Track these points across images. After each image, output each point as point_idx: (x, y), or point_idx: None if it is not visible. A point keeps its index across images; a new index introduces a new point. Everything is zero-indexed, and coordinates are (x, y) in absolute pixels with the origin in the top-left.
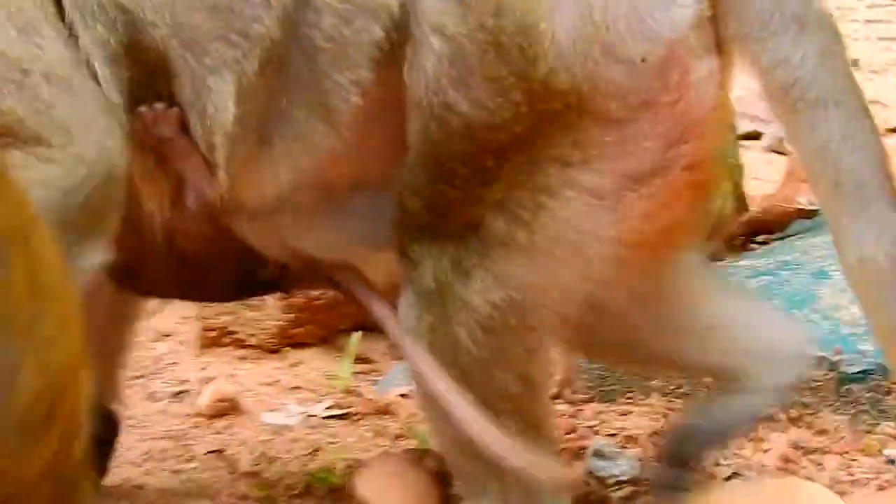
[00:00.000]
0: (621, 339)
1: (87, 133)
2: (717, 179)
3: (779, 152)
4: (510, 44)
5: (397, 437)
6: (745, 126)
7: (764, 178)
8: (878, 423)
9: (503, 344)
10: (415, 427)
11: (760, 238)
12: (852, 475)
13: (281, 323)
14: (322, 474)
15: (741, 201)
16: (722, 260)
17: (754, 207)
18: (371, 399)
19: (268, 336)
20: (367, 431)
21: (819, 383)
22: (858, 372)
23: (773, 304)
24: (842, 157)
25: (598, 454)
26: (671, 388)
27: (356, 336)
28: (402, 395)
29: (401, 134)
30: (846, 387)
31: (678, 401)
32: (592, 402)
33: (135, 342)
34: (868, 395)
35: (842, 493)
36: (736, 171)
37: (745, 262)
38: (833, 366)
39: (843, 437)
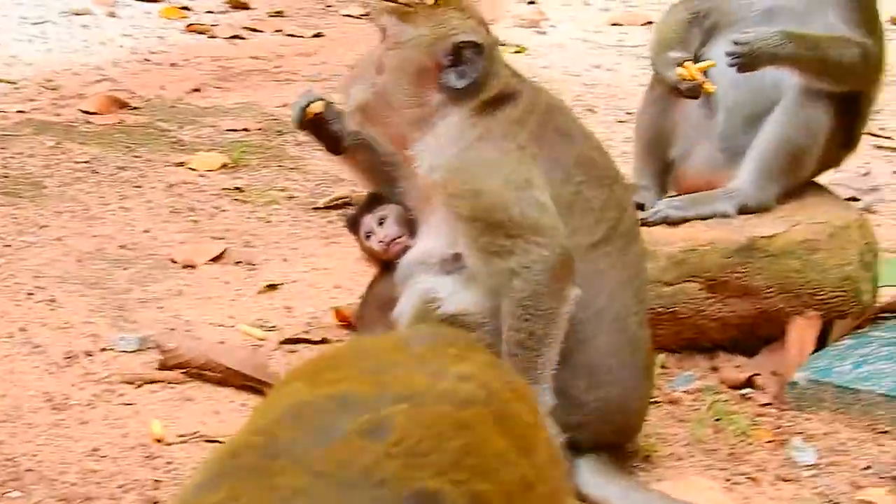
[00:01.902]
0: None
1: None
2: None
3: (870, 212)
4: None
5: (681, 420)
6: (845, 193)
7: None
8: None
9: None
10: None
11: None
12: None
13: None
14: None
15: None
16: (863, 328)
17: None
18: (667, 392)
19: None
20: (665, 414)
21: None
22: None
23: None
24: None
25: None
26: None
27: (662, 355)
28: (685, 392)
29: None
30: None
31: None
32: None
33: None
34: None
35: None
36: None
37: (877, 333)
38: None
39: None
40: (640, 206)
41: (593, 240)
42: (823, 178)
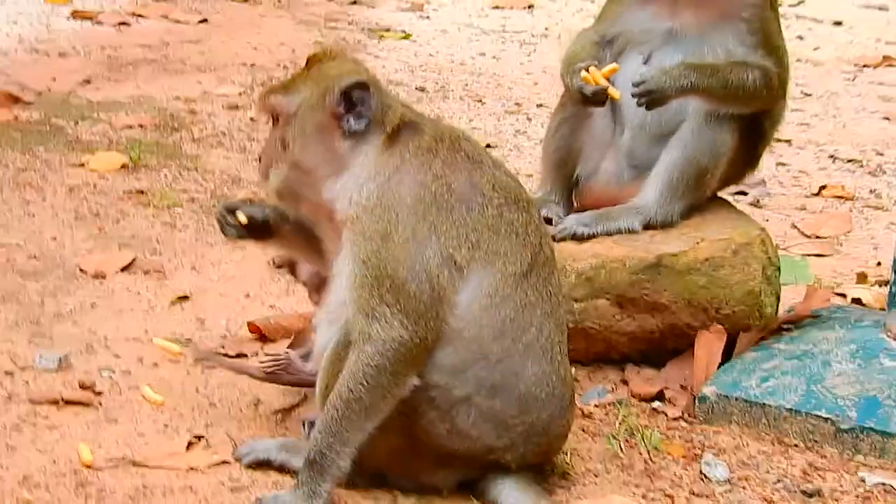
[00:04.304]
0: None
1: None
2: None
3: (757, 206)
4: None
5: (595, 435)
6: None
7: None
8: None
9: None
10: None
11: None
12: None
13: None
14: None
15: (777, 301)
16: (767, 339)
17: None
18: (580, 406)
19: None
20: (578, 428)
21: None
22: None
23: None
24: None
25: None
26: None
27: (573, 368)
28: (597, 405)
29: None
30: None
31: None
32: None
33: None
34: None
35: None
36: (777, 286)
37: (780, 345)
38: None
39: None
40: (549, 221)
41: (523, 268)
42: None
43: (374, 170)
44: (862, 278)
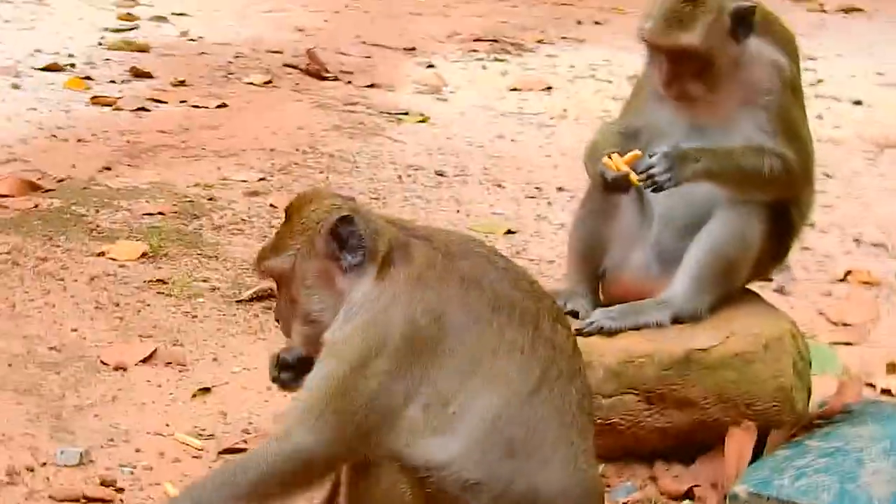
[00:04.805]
0: None
1: None
2: None
3: (783, 293)
4: None
5: None
6: None
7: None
8: None
9: None
10: None
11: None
12: None
13: None
14: None
15: (809, 397)
16: (798, 436)
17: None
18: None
19: None
20: None
21: None
22: None
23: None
24: None
25: None
26: None
27: (601, 465)
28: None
29: None
30: None
31: None
32: None
33: None
34: None
35: None
36: (808, 380)
37: (813, 442)
38: None
39: None
40: (574, 314)
41: (530, 386)
42: None
43: (365, 301)
44: (892, 368)
